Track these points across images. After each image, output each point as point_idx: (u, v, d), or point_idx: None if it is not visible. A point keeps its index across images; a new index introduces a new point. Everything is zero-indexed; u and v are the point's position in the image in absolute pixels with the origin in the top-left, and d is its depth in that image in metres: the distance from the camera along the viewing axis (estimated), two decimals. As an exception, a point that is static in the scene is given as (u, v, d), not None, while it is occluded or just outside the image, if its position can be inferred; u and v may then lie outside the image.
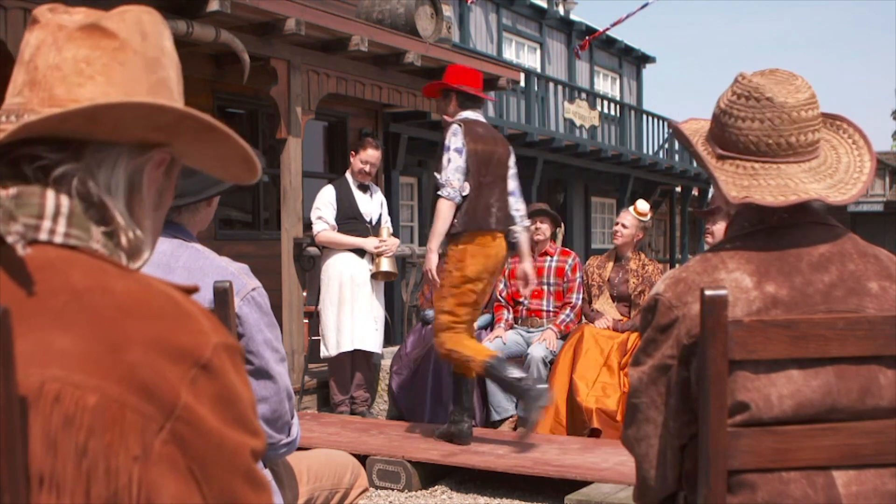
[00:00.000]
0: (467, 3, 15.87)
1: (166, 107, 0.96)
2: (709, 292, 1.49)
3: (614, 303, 6.03)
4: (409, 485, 4.82)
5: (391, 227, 6.47)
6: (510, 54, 17.77)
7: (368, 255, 6.20)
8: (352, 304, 6.12)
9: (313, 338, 6.87)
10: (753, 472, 1.52)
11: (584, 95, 17.37)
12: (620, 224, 6.13)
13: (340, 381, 6.22)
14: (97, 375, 0.84)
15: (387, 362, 6.42)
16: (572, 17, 20.00)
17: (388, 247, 6.18)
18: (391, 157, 10.72)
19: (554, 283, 6.19)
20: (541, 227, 6.22)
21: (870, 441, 1.53)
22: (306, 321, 7.01)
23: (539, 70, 17.77)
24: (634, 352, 1.73)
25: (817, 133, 1.65)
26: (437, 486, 4.91)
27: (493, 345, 5.94)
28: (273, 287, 5.14)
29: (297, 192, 6.78)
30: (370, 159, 6.21)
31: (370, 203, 6.32)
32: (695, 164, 20.22)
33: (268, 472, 2.10)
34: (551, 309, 6.19)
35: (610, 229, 6.79)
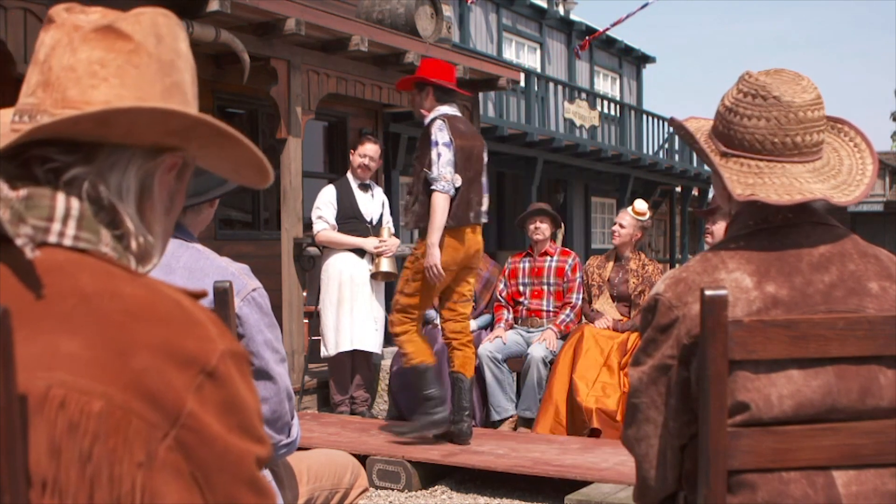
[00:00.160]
0: (467, 3, 15.87)
1: (179, 112, 0.95)
2: (709, 292, 1.49)
3: (614, 303, 6.02)
4: (409, 485, 4.82)
5: (392, 227, 6.46)
6: (510, 54, 17.77)
7: (368, 255, 6.20)
8: (351, 304, 6.11)
9: (313, 338, 6.87)
10: (753, 472, 1.52)
11: (584, 95, 17.37)
12: (618, 224, 6.14)
13: (340, 381, 6.21)
14: (103, 381, 0.84)
15: (387, 362, 6.42)
16: (572, 17, 20.01)
17: (388, 247, 6.17)
18: (391, 157, 10.71)
19: (554, 283, 6.19)
20: (540, 226, 6.22)
21: (870, 441, 1.53)
22: (306, 321, 7.01)
23: (539, 70, 17.77)
24: (634, 352, 1.72)
25: (822, 134, 1.65)
26: (437, 486, 4.91)
27: (493, 345, 5.95)
28: (273, 287, 5.13)
29: (297, 192, 6.78)
30: (369, 153, 6.21)
31: (371, 202, 6.31)
32: (695, 164, 20.21)
33: (268, 473, 2.10)
34: (551, 309, 6.19)
35: (610, 229, 6.80)
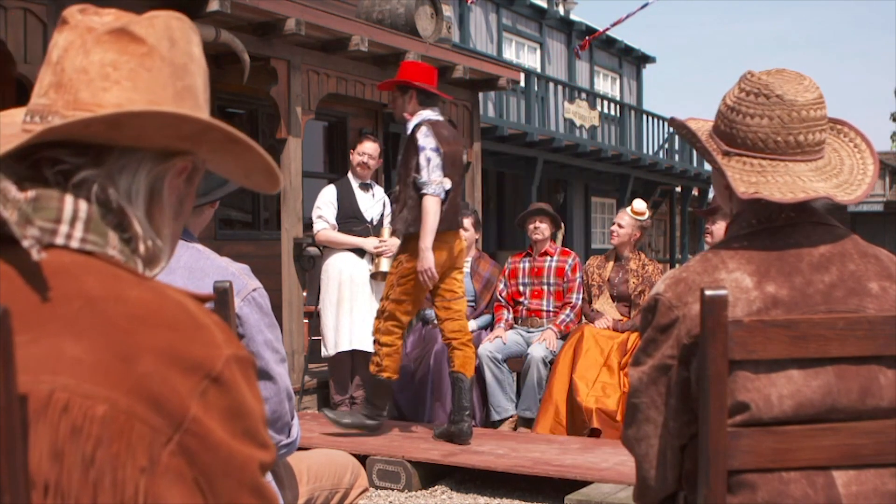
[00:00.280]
0: (467, 3, 15.87)
1: (190, 117, 0.95)
2: (709, 292, 1.49)
3: (614, 303, 6.02)
4: (409, 485, 4.82)
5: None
6: (510, 54, 17.78)
7: (368, 254, 6.19)
8: (351, 304, 6.11)
9: (313, 338, 6.87)
10: (753, 472, 1.52)
11: (584, 95, 17.37)
12: (617, 224, 6.14)
13: (340, 381, 6.21)
14: (107, 385, 0.84)
15: (387, 362, 6.41)
16: (572, 17, 20.01)
17: (388, 247, 6.16)
18: (391, 157, 10.71)
19: (554, 283, 6.19)
20: (540, 226, 6.22)
21: (870, 441, 1.53)
22: (306, 321, 7.01)
23: (539, 70, 17.77)
24: (634, 352, 1.72)
25: (824, 133, 1.65)
26: (437, 486, 4.91)
27: (493, 345, 5.95)
28: (273, 287, 5.13)
29: (297, 192, 6.78)
30: (368, 151, 6.21)
31: (372, 202, 6.31)
32: (695, 164, 20.21)
33: (268, 473, 2.10)
34: (551, 309, 6.19)
35: (609, 229, 6.78)
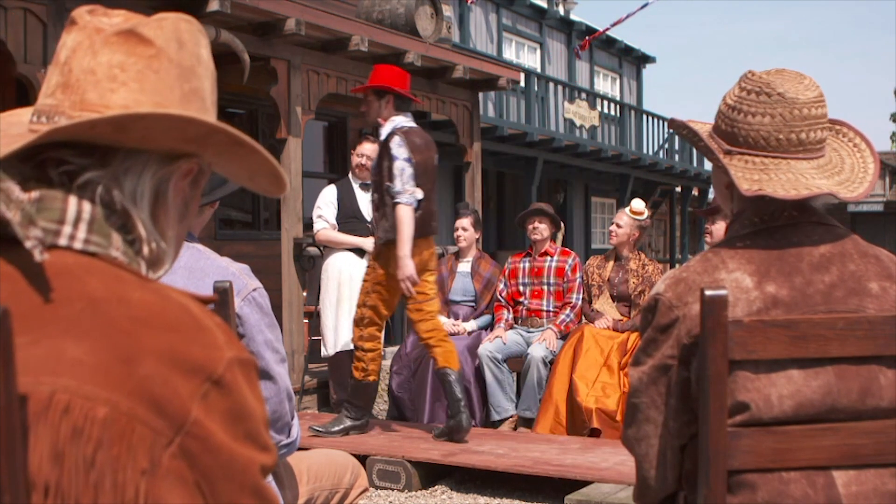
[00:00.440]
0: (467, 3, 15.87)
1: (196, 120, 0.95)
2: (709, 292, 1.49)
3: (614, 303, 6.02)
4: (409, 485, 4.82)
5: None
6: (510, 54, 17.77)
7: (368, 254, 6.19)
8: (350, 304, 6.10)
9: (313, 338, 6.87)
10: (753, 472, 1.52)
11: (584, 95, 17.36)
12: (615, 224, 6.14)
13: (340, 381, 6.20)
14: (108, 387, 0.84)
15: (387, 362, 6.40)
16: (572, 17, 20.01)
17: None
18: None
19: (554, 283, 6.19)
20: (539, 226, 6.22)
21: (870, 441, 1.53)
22: (306, 321, 7.01)
23: (539, 70, 17.77)
24: (634, 352, 1.72)
25: (825, 132, 1.65)
26: (437, 486, 4.91)
27: (493, 345, 5.95)
28: (273, 287, 5.13)
29: (297, 192, 6.78)
30: (366, 152, 6.22)
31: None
32: (695, 164, 20.21)
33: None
34: (551, 309, 6.19)
35: (609, 229, 6.79)
